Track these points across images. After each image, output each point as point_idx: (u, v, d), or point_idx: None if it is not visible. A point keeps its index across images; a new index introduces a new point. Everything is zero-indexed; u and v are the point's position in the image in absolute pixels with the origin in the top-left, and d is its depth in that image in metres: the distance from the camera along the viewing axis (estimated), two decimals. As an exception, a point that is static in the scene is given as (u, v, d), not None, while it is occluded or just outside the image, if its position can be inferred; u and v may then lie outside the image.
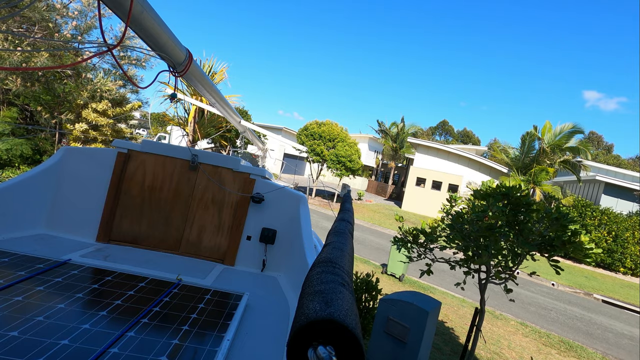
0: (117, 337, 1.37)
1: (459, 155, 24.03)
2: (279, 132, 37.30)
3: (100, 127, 8.80)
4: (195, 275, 2.39)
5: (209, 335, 1.53)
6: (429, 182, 24.65)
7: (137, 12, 1.33)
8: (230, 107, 3.36)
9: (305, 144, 21.92)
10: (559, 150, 18.15)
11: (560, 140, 17.92)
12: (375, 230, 17.43)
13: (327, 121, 22.81)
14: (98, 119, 8.54)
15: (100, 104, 8.52)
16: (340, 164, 21.30)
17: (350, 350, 0.56)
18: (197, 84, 2.41)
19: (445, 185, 24.28)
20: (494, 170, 23.23)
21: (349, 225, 1.64)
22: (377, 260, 11.37)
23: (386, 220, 20.08)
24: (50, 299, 1.56)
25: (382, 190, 34.87)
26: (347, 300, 0.70)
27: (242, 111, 28.22)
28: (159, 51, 1.66)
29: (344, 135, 22.27)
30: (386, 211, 23.24)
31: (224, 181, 2.91)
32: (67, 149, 2.82)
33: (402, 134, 33.64)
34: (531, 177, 17.84)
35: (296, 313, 0.68)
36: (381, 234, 16.68)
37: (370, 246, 13.40)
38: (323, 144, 21.78)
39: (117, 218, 2.80)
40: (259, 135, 6.26)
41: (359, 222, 18.45)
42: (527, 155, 18.98)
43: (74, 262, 2.07)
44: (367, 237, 14.96)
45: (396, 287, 8.71)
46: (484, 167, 23.55)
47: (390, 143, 34.16)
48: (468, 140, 65.64)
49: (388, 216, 21.58)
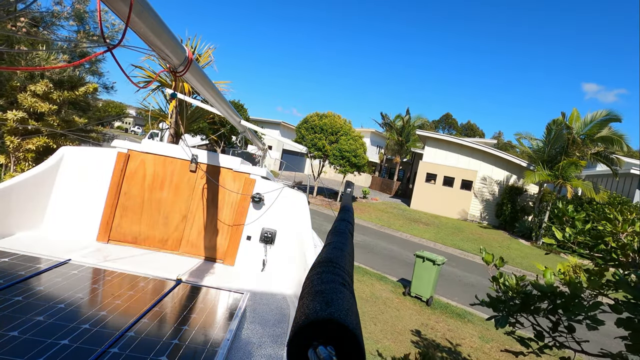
0: (117, 337, 1.37)
1: (473, 148, 22.06)
2: (277, 127, 35.33)
3: (44, 115, 6.83)
4: (195, 275, 2.43)
5: (209, 335, 1.53)
6: (440, 178, 22.70)
7: (137, 11, 1.27)
8: (231, 107, 3.10)
9: (305, 138, 19.96)
10: (589, 141, 16.17)
11: (592, 130, 15.94)
12: (386, 233, 15.53)
13: (329, 113, 20.82)
14: (37, 105, 6.56)
15: (39, 85, 6.55)
16: (344, 160, 19.36)
17: (350, 350, 0.56)
18: (198, 84, 2.16)
19: (458, 181, 22.34)
20: (511, 164, 21.26)
21: (349, 225, 1.58)
22: (393, 273, 9.47)
23: (396, 221, 18.17)
24: (50, 299, 1.56)
25: (387, 187, 32.93)
26: (348, 300, 0.70)
27: (238, 105, 26.25)
28: (158, 51, 1.62)
29: (348, 128, 20.29)
30: (395, 210, 21.32)
31: (224, 181, 2.91)
32: (67, 149, 2.80)
33: (407, 127, 31.66)
34: (559, 172, 15.88)
35: (296, 313, 0.67)
36: (393, 238, 14.78)
37: (383, 254, 11.50)
38: (325, 138, 19.82)
39: (117, 218, 2.80)
40: (260, 137, 6.09)
41: (366, 224, 16.56)
42: (552, 146, 16.97)
43: (74, 262, 2.06)
44: (377, 243, 13.06)
45: (424, 315, 6.82)
46: (500, 161, 21.58)
47: (395, 137, 32.19)
48: (472, 134, 63.57)
49: (397, 216, 19.67)
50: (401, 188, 32.61)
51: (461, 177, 22.23)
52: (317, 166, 21.66)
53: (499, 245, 16.10)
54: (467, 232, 18.13)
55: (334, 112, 20.99)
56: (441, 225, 18.98)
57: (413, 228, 17.14)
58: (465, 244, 15.40)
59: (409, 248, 13.18)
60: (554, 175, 16.12)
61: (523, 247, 16.51)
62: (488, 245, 15.85)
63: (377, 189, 33.86)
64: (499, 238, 17.67)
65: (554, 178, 16.07)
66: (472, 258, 13.65)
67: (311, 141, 19.73)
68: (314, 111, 21.25)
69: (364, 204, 21.88)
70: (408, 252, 12.47)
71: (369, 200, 23.90)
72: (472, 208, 22.08)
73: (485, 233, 18.50)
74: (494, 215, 21.37)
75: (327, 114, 20.74)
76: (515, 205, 19.60)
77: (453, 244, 15.14)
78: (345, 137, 19.80)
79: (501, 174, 21.64)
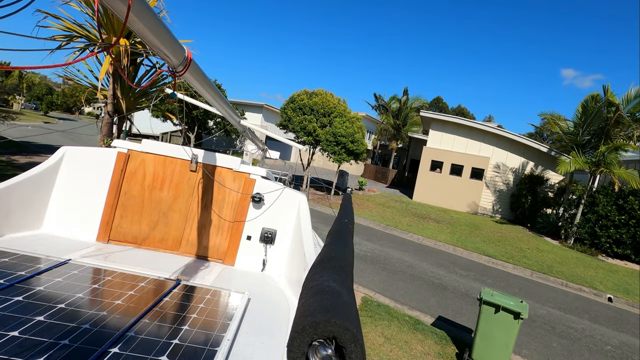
0: (117, 337, 1.37)
1: (485, 131, 19.28)
2: (259, 110, 31.75)
3: None
4: (195, 275, 2.43)
5: (209, 335, 1.52)
6: (446, 166, 19.91)
7: (136, 11, 1.27)
8: (230, 107, 2.96)
9: (292, 121, 16.68)
10: (632, 121, 13.52)
11: (635, 108, 13.28)
12: (394, 236, 12.63)
13: (320, 90, 17.55)
14: None
15: None
16: (339, 146, 16.24)
17: (350, 351, 0.55)
18: (197, 84, 2.13)
19: (467, 170, 19.61)
20: (529, 149, 18.61)
21: (349, 225, 1.60)
22: (425, 306, 6.52)
23: (402, 219, 15.31)
24: (50, 299, 1.56)
25: (382, 176, 30.09)
26: (348, 300, 0.68)
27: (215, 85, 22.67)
28: (157, 51, 1.62)
29: (343, 109, 17.11)
30: (397, 204, 18.45)
31: (224, 181, 2.91)
32: (67, 149, 2.81)
33: (405, 109, 28.66)
34: (600, 158, 13.20)
35: (296, 313, 0.66)
36: (404, 242, 11.89)
37: (402, 272, 8.56)
38: (316, 120, 16.60)
39: (117, 218, 2.81)
40: (264, 142, 5.74)
41: (369, 224, 13.62)
42: (588, 127, 14.25)
43: (74, 262, 2.07)
44: (389, 254, 10.12)
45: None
46: (516, 145, 18.90)
47: (391, 120, 29.18)
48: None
49: (402, 212, 16.81)
50: (397, 177, 29.84)
51: (471, 165, 19.50)
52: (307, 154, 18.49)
53: (527, 247, 13.48)
54: (485, 230, 15.46)
55: (325, 90, 17.74)
56: (453, 222, 16.25)
57: (424, 227, 14.32)
58: (489, 248, 12.70)
59: (428, 257, 10.33)
60: (592, 162, 13.47)
61: (554, 247, 13.95)
62: (515, 247, 13.21)
63: (371, 177, 30.98)
64: (523, 236, 15.08)
65: (592, 165, 13.42)
66: (502, 267, 10.94)
67: (299, 124, 16.49)
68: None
69: (361, 197, 18.93)
70: (429, 264, 9.61)
71: (366, 192, 20.96)
72: (484, 200, 19.46)
73: (505, 230, 15.88)
74: (509, 208, 18.82)
75: (317, 91, 17.47)
76: (537, 197, 17.03)
77: (475, 248, 12.40)
78: (340, 119, 16.64)
79: (516, 160, 19.00)
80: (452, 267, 9.87)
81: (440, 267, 9.56)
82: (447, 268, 9.63)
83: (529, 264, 11.33)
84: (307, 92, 17.52)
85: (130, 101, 9.10)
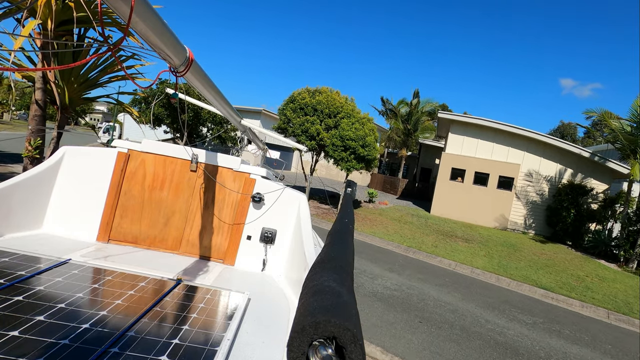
0: (117, 337, 1.35)
1: (513, 134, 16.81)
2: (257, 116, 29.51)
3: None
4: (196, 275, 2.41)
5: (209, 335, 1.49)
6: (469, 174, 17.39)
7: (138, 11, 1.23)
8: (232, 107, 2.83)
9: (292, 122, 14.29)
10: None
11: None
12: (421, 262, 10.03)
13: (324, 88, 15.19)
14: None
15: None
16: (348, 151, 13.79)
17: (350, 351, 0.56)
18: (198, 84, 2.08)
19: (493, 178, 17.08)
20: (567, 154, 16.09)
21: (350, 225, 1.58)
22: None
23: (424, 237, 12.74)
24: (50, 299, 1.54)
25: (392, 186, 27.56)
26: (348, 300, 0.69)
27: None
28: (159, 51, 1.58)
29: (351, 109, 14.70)
30: (414, 219, 15.87)
31: (224, 181, 2.92)
32: (67, 149, 2.80)
33: (415, 113, 26.30)
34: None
35: (296, 313, 0.67)
36: (435, 271, 9.28)
37: (449, 324, 5.92)
38: (320, 122, 14.19)
39: (118, 218, 2.80)
40: (266, 144, 5.43)
41: (386, 246, 11.04)
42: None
43: (74, 261, 2.05)
44: (424, 291, 7.50)
45: None
46: (551, 150, 16.40)
47: (400, 125, 26.80)
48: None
49: (422, 228, 14.23)
50: (407, 187, 27.31)
51: (498, 173, 16.97)
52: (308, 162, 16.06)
53: (584, 274, 10.86)
54: (526, 251, 12.85)
55: (330, 88, 15.38)
56: (485, 240, 13.64)
57: (453, 249, 11.74)
58: (540, 276, 10.08)
59: (472, 294, 7.74)
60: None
61: (616, 274, 11.31)
62: (570, 275, 10.59)
63: (379, 188, 28.44)
64: (573, 259, 12.45)
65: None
66: (567, 304, 8.33)
67: (301, 126, 14.08)
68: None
69: (372, 211, 16.37)
70: (478, 305, 7.00)
71: (377, 205, 18.41)
72: (514, 213, 16.87)
73: (549, 251, 13.26)
74: (544, 223, 16.21)
75: (321, 89, 15.10)
76: (581, 210, 14.44)
77: (524, 277, 9.80)
78: (348, 120, 14.21)
79: (552, 167, 16.47)
80: (509, 309, 7.27)
81: (494, 312, 6.96)
82: (504, 312, 7.04)
83: (599, 300, 8.72)
84: (310, 90, 15.17)
85: (73, 88, 6.66)
